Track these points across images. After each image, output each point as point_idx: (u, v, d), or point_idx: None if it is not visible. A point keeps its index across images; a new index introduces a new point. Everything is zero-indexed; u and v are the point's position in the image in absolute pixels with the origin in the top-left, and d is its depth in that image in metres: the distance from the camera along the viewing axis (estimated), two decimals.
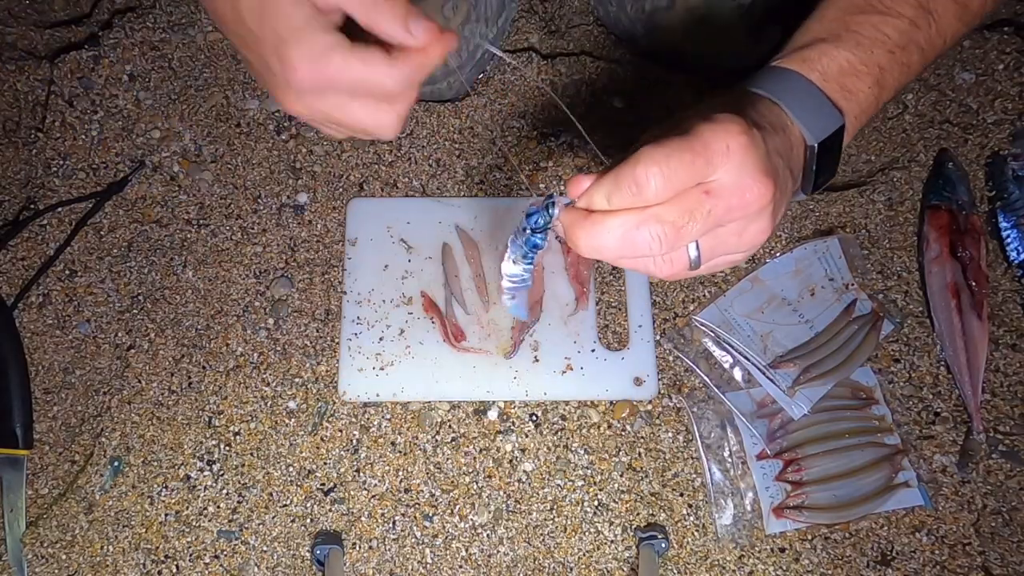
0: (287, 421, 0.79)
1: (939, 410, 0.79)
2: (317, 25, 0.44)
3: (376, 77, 0.44)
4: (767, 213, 0.46)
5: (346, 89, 0.45)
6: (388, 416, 0.80)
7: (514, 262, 0.50)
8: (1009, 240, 0.84)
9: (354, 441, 0.79)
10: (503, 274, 0.51)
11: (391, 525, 0.76)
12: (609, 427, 0.79)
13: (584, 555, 0.76)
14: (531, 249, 0.49)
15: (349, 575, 0.75)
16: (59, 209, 0.87)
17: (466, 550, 0.76)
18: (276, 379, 0.81)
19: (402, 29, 0.44)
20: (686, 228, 0.44)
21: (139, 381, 0.81)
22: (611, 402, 0.80)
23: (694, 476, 0.78)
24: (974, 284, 0.81)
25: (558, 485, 0.77)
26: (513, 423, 0.79)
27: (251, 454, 0.78)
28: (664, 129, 0.47)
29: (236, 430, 0.79)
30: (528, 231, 0.48)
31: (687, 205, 0.44)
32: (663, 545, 0.74)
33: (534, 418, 0.79)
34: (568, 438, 0.79)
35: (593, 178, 0.45)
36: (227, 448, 0.79)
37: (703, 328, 0.81)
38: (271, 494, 0.77)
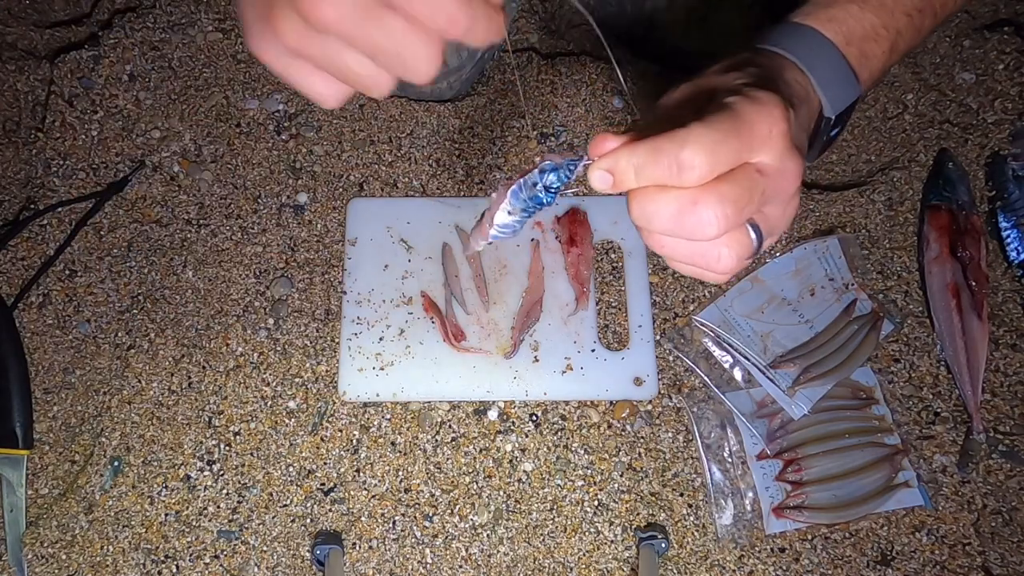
0: (287, 421, 0.79)
1: (939, 410, 0.79)
2: None
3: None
4: (799, 190, 0.46)
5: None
6: (388, 416, 0.80)
7: (509, 213, 0.45)
8: (1009, 240, 0.84)
9: (354, 441, 0.79)
10: (492, 222, 0.45)
11: (391, 525, 0.76)
12: (609, 427, 0.79)
13: (584, 555, 0.76)
14: (535, 204, 0.44)
15: (349, 575, 0.75)
16: (59, 209, 0.87)
17: (466, 550, 0.76)
18: (276, 379, 0.81)
19: None
20: (745, 210, 0.42)
21: (139, 381, 0.81)
22: (611, 402, 0.80)
23: (694, 476, 0.78)
24: (974, 284, 0.81)
25: (558, 485, 0.77)
26: (513, 423, 0.79)
27: (251, 454, 0.78)
28: (695, 92, 0.45)
29: (236, 430, 0.79)
30: (539, 187, 0.43)
31: (747, 184, 0.41)
32: (663, 545, 0.74)
33: (534, 418, 0.79)
34: (568, 438, 0.79)
35: (621, 140, 0.41)
36: (227, 448, 0.79)
37: (703, 328, 0.81)
38: (271, 494, 0.77)
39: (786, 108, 0.43)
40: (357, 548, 0.76)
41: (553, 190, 0.44)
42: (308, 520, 0.77)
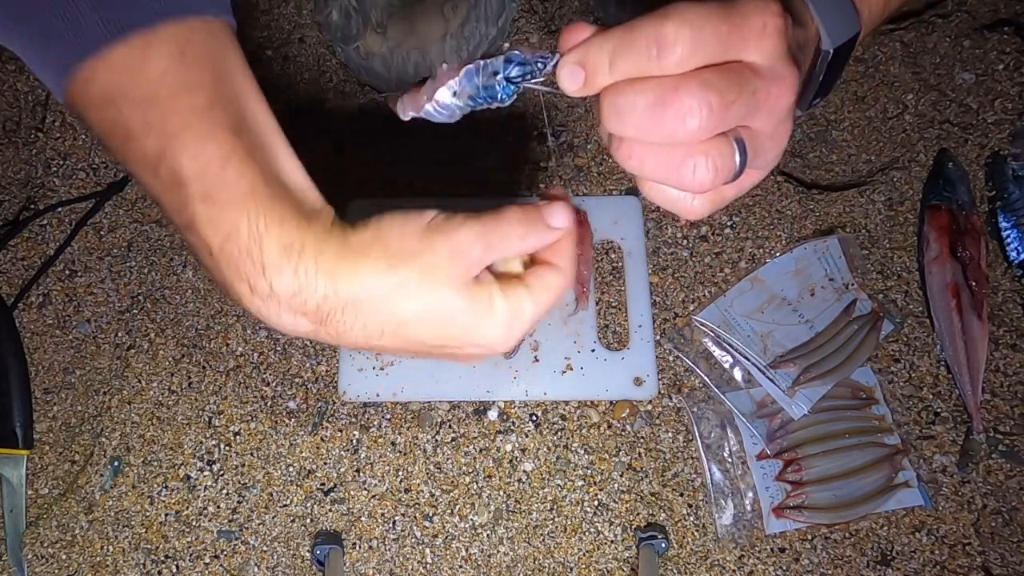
0: (287, 421, 0.79)
1: (939, 410, 0.79)
2: (484, 298, 0.44)
3: (554, 293, 0.45)
4: (791, 115, 0.41)
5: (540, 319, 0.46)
6: (388, 416, 0.80)
7: (455, 94, 0.41)
8: (1009, 240, 0.84)
9: (354, 441, 0.79)
10: (432, 96, 0.41)
11: (391, 525, 0.77)
12: (609, 427, 0.79)
13: (584, 555, 0.76)
14: (487, 95, 0.40)
15: (349, 575, 0.75)
16: (59, 209, 0.87)
17: (466, 550, 0.76)
18: (276, 379, 0.81)
19: (546, 229, 0.45)
20: (732, 107, 0.36)
21: (139, 381, 0.81)
22: (611, 402, 0.80)
23: (694, 476, 0.78)
24: (974, 284, 0.81)
25: (558, 485, 0.77)
26: (513, 423, 0.79)
27: (251, 454, 0.78)
28: None
29: (236, 430, 0.79)
30: (499, 77, 0.39)
31: (736, 78, 0.36)
32: (663, 545, 0.74)
33: (534, 418, 0.79)
34: (568, 438, 0.79)
35: (595, 29, 0.37)
36: (227, 448, 0.79)
37: (703, 328, 0.81)
38: (271, 494, 0.77)
39: (782, 8, 0.38)
40: (357, 548, 0.76)
41: (514, 82, 0.39)
42: (308, 520, 0.77)
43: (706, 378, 0.80)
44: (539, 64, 0.38)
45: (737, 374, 0.80)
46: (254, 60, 0.93)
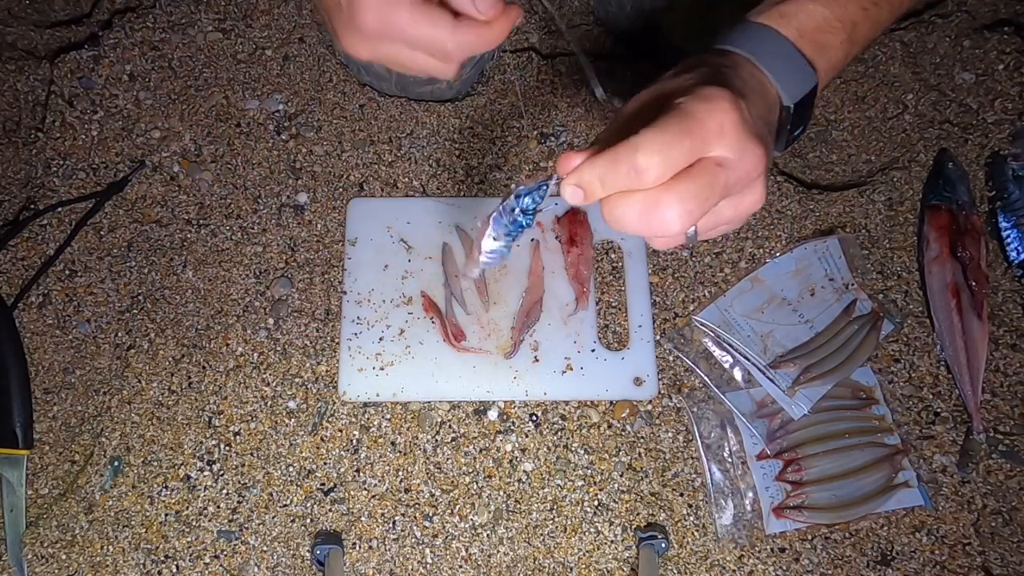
0: (287, 421, 0.79)
1: (939, 410, 0.79)
2: None
3: (439, 38, 0.47)
4: (761, 181, 0.47)
5: (408, 41, 0.47)
6: (388, 416, 0.80)
7: (494, 239, 0.48)
8: (1009, 240, 0.84)
9: (354, 441, 0.79)
10: (480, 249, 0.49)
11: (391, 525, 0.76)
12: (609, 427, 0.79)
13: (584, 555, 0.76)
14: (515, 228, 0.47)
15: (349, 575, 0.75)
16: (59, 209, 0.87)
17: (466, 550, 0.76)
18: (276, 379, 0.81)
19: (469, 3, 0.46)
20: (707, 203, 0.44)
21: (139, 381, 0.81)
22: (611, 402, 0.80)
23: (694, 476, 0.78)
24: (974, 284, 0.81)
25: (558, 485, 0.77)
26: (513, 423, 0.79)
27: (251, 454, 0.78)
28: (650, 98, 0.47)
29: (236, 430, 0.79)
30: (516, 211, 0.47)
31: (707, 180, 0.44)
32: (663, 545, 0.74)
33: (534, 418, 0.79)
34: (568, 438, 0.79)
35: (584, 155, 0.44)
36: (227, 448, 0.79)
37: (703, 328, 0.81)
38: (271, 494, 0.77)
39: (735, 99, 0.45)
40: (357, 548, 0.76)
41: (530, 212, 0.47)
42: (308, 520, 0.77)
43: (706, 378, 0.80)
44: (541, 189, 0.46)
45: (737, 374, 0.80)
46: (254, 60, 0.93)
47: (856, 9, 0.55)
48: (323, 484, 0.78)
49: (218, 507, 0.77)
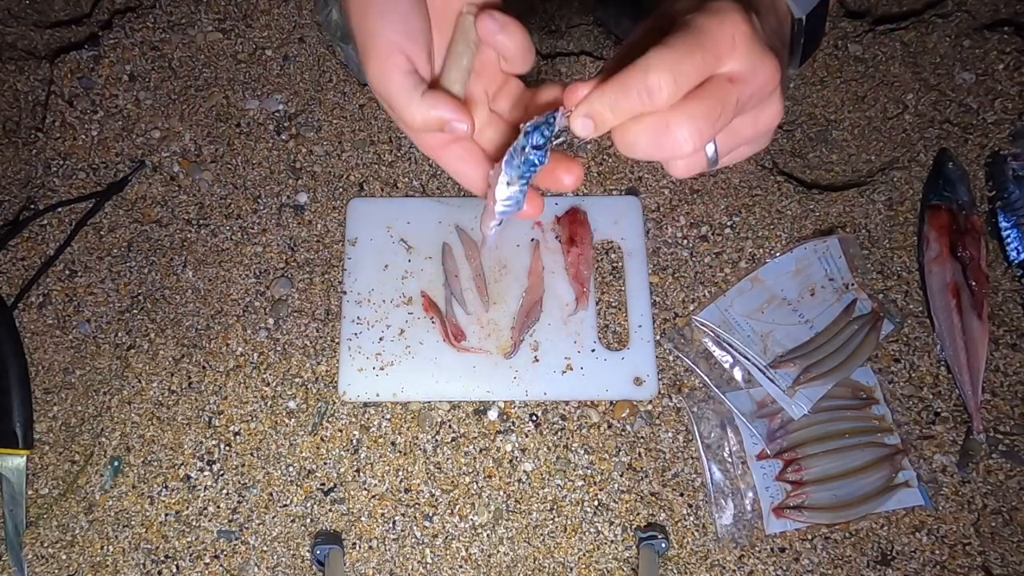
0: (287, 421, 0.79)
1: (939, 410, 0.79)
2: (395, 45, 0.46)
3: (402, 111, 0.47)
4: (777, 94, 0.46)
5: (387, 103, 0.47)
6: (388, 416, 0.80)
7: (508, 184, 0.47)
8: (1009, 240, 0.84)
9: (354, 441, 0.79)
10: (495, 198, 0.47)
11: (391, 525, 0.77)
12: (609, 427, 0.79)
13: (584, 555, 0.76)
14: (529, 168, 0.46)
15: (349, 575, 0.75)
16: (59, 209, 0.87)
17: (466, 550, 0.76)
18: (276, 379, 0.81)
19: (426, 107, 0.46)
20: (719, 122, 0.43)
21: (139, 381, 0.81)
22: (611, 402, 0.80)
23: (694, 476, 0.78)
24: (974, 284, 0.81)
25: (558, 485, 0.77)
26: (513, 423, 0.79)
27: (251, 454, 0.78)
28: (657, 21, 0.46)
29: (236, 430, 0.79)
30: (527, 149, 0.45)
31: (718, 96, 0.43)
32: (663, 545, 0.74)
33: (534, 418, 0.79)
34: (568, 438, 0.79)
35: (592, 84, 0.43)
36: (227, 448, 0.79)
37: (703, 328, 0.81)
38: (271, 494, 0.77)
39: (745, 12, 0.43)
40: (357, 548, 0.76)
41: (542, 148, 0.45)
42: (308, 520, 0.77)
43: (706, 378, 0.80)
44: (550, 122, 0.45)
45: (737, 374, 0.80)
46: (254, 60, 0.93)
47: None
48: (323, 484, 0.78)
49: (218, 507, 0.77)
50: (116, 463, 0.78)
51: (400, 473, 0.78)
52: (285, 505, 0.77)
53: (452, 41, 0.49)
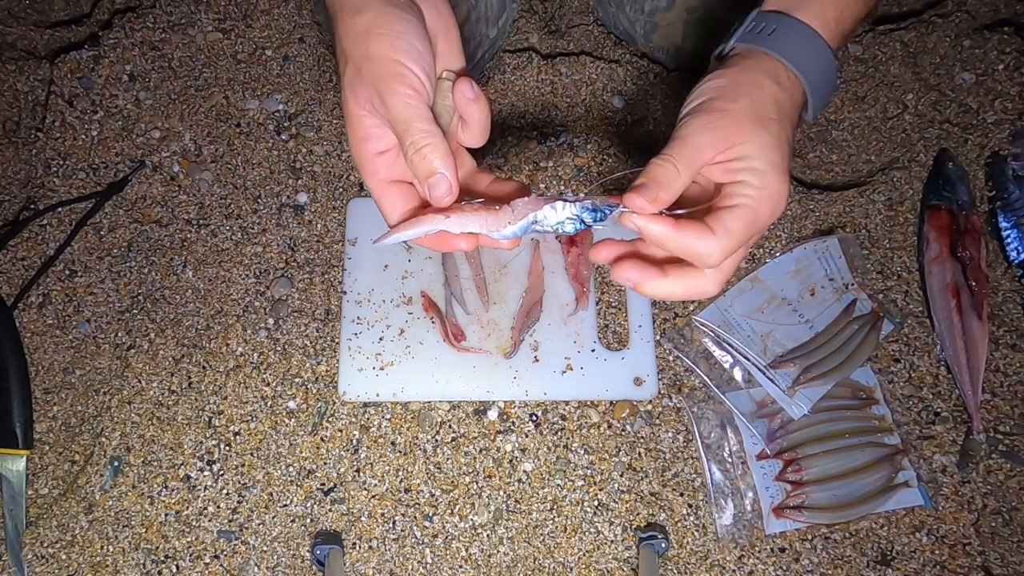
0: (287, 421, 0.79)
1: (939, 410, 0.79)
2: (368, 99, 0.48)
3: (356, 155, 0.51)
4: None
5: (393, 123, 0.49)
6: (388, 416, 0.80)
7: (534, 222, 0.50)
8: (1009, 240, 0.84)
9: (354, 441, 0.79)
10: (537, 218, 0.50)
11: (391, 525, 0.76)
12: (609, 427, 0.79)
13: (584, 555, 0.76)
14: (566, 226, 0.50)
15: (349, 575, 0.75)
16: (59, 209, 0.87)
17: (466, 550, 0.76)
18: (276, 379, 0.81)
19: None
20: (738, 264, 0.52)
21: (139, 381, 0.81)
22: (611, 402, 0.80)
23: (694, 476, 0.78)
24: (974, 284, 0.81)
25: (558, 485, 0.77)
26: (513, 423, 0.79)
27: (251, 454, 0.78)
28: (708, 122, 0.49)
29: (236, 430, 0.79)
30: (579, 217, 0.49)
31: (743, 253, 0.51)
32: (663, 545, 0.74)
33: (534, 418, 0.79)
34: (568, 438, 0.79)
35: (654, 207, 0.48)
36: (227, 448, 0.79)
37: (703, 328, 0.81)
38: (271, 494, 0.77)
39: (790, 185, 0.50)
40: (357, 548, 0.76)
41: (581, 224, 0.50)
42: (308, 520, 0.77)
43: (706, 378, 0.80)
44: (606, 212, 0.49)
45: (737, 374, 0.80)
46: (254, 60, 0.93)
47: None
48: (323, 484, 0.78)
49: (218, 507, 0.77)
50: (116, 463, 0.78)
51: (400, 473, 0.78)
52: (285, 505, 0.77)
53: (433, 102, 0.50)
